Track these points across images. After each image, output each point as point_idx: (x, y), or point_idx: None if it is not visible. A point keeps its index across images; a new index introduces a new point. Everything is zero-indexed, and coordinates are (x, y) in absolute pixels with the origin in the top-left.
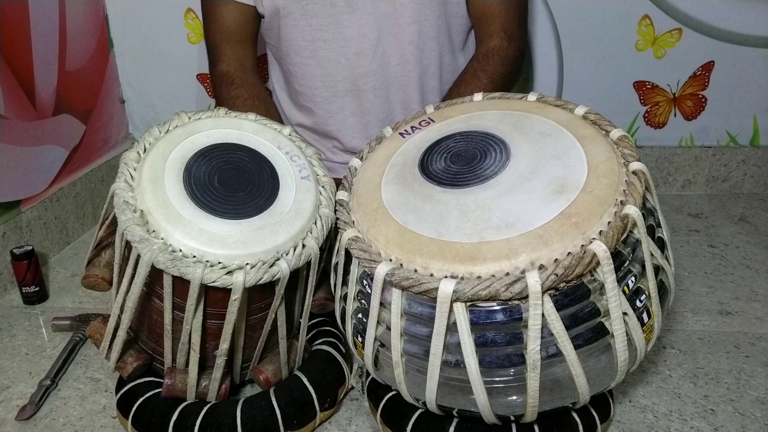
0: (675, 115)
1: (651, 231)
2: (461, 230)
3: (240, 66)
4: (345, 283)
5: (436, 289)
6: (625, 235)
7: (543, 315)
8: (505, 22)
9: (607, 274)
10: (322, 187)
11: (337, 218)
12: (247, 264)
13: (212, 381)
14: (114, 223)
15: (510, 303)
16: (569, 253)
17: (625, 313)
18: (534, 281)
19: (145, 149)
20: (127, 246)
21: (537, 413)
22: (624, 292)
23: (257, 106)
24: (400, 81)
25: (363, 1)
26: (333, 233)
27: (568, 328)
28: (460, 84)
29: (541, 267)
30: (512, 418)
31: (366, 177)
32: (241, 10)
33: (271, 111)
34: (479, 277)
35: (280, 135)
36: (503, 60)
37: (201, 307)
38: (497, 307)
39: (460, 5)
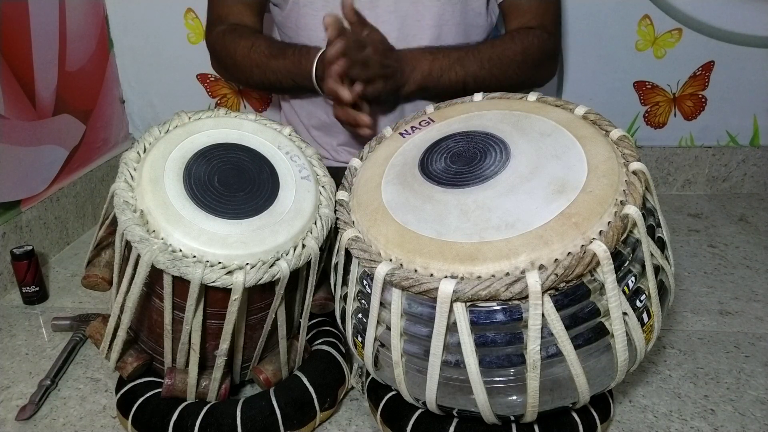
0: (675, 115)
1: (651, 231)
2: (461, 230)
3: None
4: (345, 283)
5: (436, 289)
6: (625, 235)
7: (543, 315)
8: (543, 21)
9: (607, 274)
10: (322, 187)
11: (337, 218)
12: (247, 264)
13: (212, 381)
14: (114, 223)
15: (510, 303)
16: (569, 253)
17: (625, 313)
18: (534, 281)
19: (145, 149)
20: (127, 246)
21: (537, 413)
22: (624, 292)
23: (271, 43)
24: None
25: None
26: (333, 233)
27: (568, 328)
28: (498, 41)
29: (541, 267)
30: (512, 418)
31: (366, 177)
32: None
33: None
34: (479, 277)
35: (280, 135)
36: (542, 47)
37: (201, 307)
38: (497, 307)
39: (480, 16)
